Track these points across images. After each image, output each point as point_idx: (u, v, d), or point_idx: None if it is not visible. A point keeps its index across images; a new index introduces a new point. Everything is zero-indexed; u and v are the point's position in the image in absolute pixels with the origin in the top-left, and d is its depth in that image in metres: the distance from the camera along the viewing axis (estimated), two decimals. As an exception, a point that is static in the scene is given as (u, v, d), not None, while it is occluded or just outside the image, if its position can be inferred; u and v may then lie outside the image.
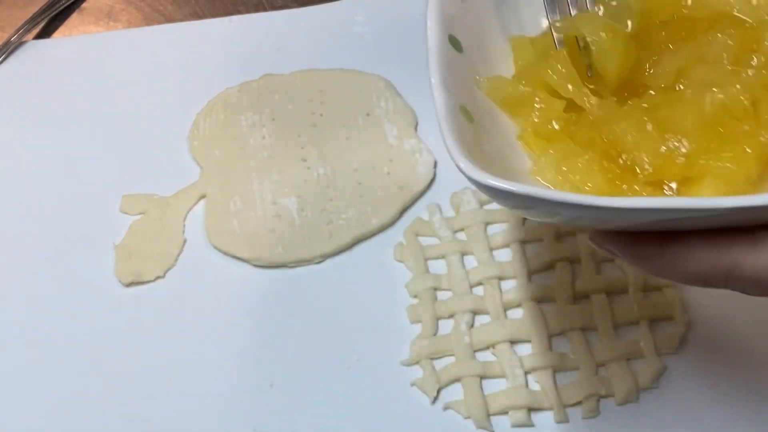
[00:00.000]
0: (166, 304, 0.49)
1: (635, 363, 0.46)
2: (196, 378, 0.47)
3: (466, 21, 0.39)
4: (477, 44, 0.39)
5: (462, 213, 0.51)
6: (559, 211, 0.32)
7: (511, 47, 0.41)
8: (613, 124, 0.36)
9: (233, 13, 0.61)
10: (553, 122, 0.38)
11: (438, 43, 0.37)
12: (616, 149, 0.36)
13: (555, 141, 0.38)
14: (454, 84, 0.36)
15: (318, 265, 0.50)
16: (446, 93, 0.35)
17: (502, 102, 0.39)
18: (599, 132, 0.36)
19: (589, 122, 0.37)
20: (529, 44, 0.41)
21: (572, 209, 0.31)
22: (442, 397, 0.46)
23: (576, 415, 0.45)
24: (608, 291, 0.48)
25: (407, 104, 0.55)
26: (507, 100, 0.39)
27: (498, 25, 0.41)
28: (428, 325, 0.47)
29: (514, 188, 0.31)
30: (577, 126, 0.38)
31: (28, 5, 0.62)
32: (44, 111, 0.57)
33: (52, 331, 0.49)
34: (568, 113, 0.38)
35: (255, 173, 0.53)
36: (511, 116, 0.39)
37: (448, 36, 0.37)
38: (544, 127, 0.38)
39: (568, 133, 0.38)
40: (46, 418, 0.46)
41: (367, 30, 0.59)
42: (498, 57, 0.41)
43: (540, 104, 0.38)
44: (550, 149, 0.37)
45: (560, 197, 0.30)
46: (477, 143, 0.35)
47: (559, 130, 0.38)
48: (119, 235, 0.52)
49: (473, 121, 0.36)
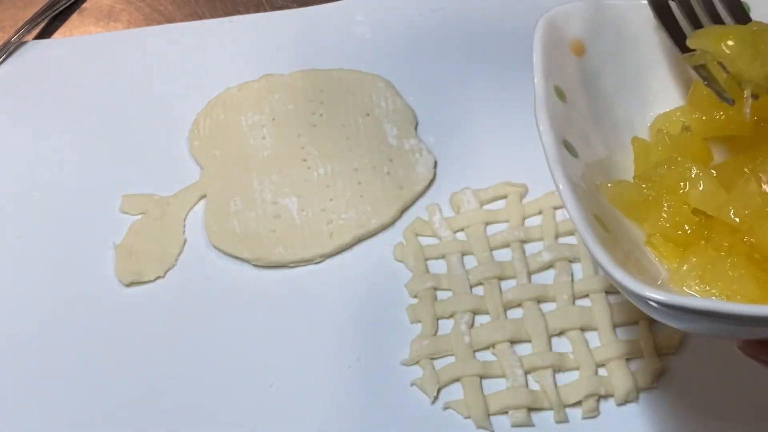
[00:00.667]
0: (166, 304, 0.49)
1: (635, 363, 0.46)
2: (196, 378, 0.47)
3: (574, 124, 0.39)
4: (587, 148, 0.38)
5: (462, 213, 0.51)
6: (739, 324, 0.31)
7: (632, 149, 0.40)
8: (757, 228, 0.35)
9: (233, 13, 0.61)
10: (685, 226, 0.37)
11: (556, 148, 0.36)
12: (762, 254, 0.35)
13: (691, 247, 0.37)
14: (580, 191, 0.35)
15: (318, 265, 0.50)
16: (578, 203, 0.34)
17: (626, 207, 0.38)
18: (740, 236, 0.35)
19: (726, 226, 0.36)
20: (650, 146, 0.40)
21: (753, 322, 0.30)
22: (442, 397, 0.46)
23: (576, 415, 0.45)
24: (608, 291, 0.48)
25: (407, 104, 0.55)
26: (631, 206, 0.38)
27: (603, 125, 0.41)
28: (428, 324, 0.47)
29: (693, 304, 0.30)
30: (710, 230, 0.37)
31: (28, 5, 0.62)
32: (44, 111, 0.57)
33: (52, 330, 0.49)
34: (697, 215, 0.37)
35: (255, 173, 0.53)
36: (636, 222, 0.38)
37: (562, 141, 0.37)
38: (675, 232, 0.37)
39: (701, 237, 0.37)
40: (46, 418, 0.46)
41: (367, 30, 0.59)
42: (609, 160, 0.40)
43: (667, 208, 0.37)
44: (691, 256, 0.36)
45: (747, 310, 0.29)
46: (615, 254, 0.33)
47: (692, 234, 0.37)
48: (119, 235, 0.52)
49: (609, 230, 0.36)
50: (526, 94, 0.55)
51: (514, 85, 0.55)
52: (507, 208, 0.51)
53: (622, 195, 0.38)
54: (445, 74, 0.56)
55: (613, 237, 0.36)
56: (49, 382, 0.47)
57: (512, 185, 0.51)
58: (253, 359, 0.47)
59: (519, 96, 0.55)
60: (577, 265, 0.49)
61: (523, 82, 0.55)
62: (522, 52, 0.57)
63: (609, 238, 0.35)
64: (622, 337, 0.47)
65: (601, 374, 0.45)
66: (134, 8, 0.62)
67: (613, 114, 0.41)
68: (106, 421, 0.46)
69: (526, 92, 0.55)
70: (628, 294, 0.32)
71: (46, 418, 0.46)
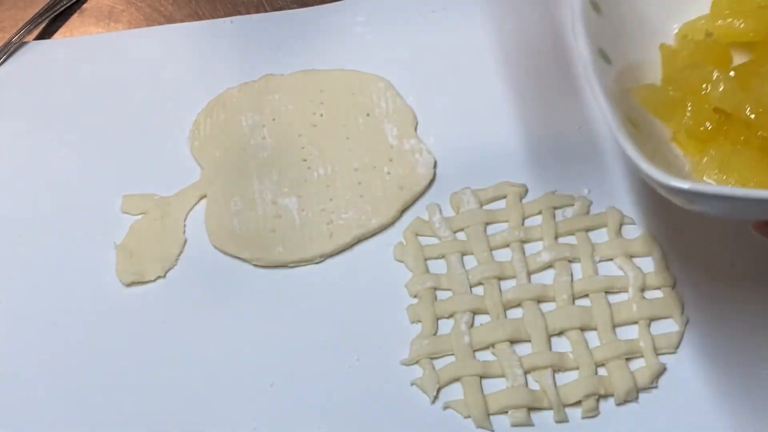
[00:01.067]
0: (166, 303, 0.50)
1: (634, 363, 0.46)
2: (197, 377, 0.47)
3: (608, 34, 0.42)
4: (619, 55, 0.43)
5: (462, 213, 0.51)
6: (751, 207, 0.36)
7: (660, 55, 0.45)
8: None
9: (233, 13, 0.61)
10: (707, 123, 0.41)
11: (592, 57, 0.40)
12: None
13: (711, 141, 0.41)
14: (613, 94, 0.39)
15: (318, 265, 0.50)
16: (612, 104, 0.38)
17: (654, 108, 0.42)
18: (754, 131, 0.40)
19: (742, 122, 0.41)
20: (676, 52, 0.44)
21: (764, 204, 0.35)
22: (441, 397, 0.46)
23: (575, 414, 0.45)
24: (607, 291, 0.48)
25: (407, 104, 0.55)
26: (659, 106, 0.42)
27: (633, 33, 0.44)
28: (428, 324, 0.48)
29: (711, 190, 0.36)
30: (729, 126, 0.41)
31: (29, 6, 0.62)
32: (45, 112, 0.57)
33: (53, 330, 0.49)
34: (717, 113, 0.41)
35: (255, 173, 0.53)
36: (662, 121, 0.43)
37: (598, 50, 0.41)
38: (697, 129, 0.42)
39: (720, 133, 0.41)
40: (46, 418, 0.47)
41: (367, 30, 0.59)
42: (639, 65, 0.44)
43: (691, 107, 0.42)
44: (710, 149, 0.41)
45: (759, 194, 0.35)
46: (644, 149, 0.38)
47: (712, 130, 0.41)
48: (120, 235, 0.52)
49: (639, 128, 0.40)
50: (526, 95, 0.55)
51: (514, 84, 0.56)
52: (507, 208, 0.51)
53: (651, 97, 0.43)
54: (445, 74, 0.56)
55: (642, 135, 0.40)
56: (49, 382, 0.48)
57: (512, 185, 0.52)
58: (253, 359, 0.47)
59: (519, 96, 0.55)
60: (576, 265, 0.49)
61: (523, 82, 0.56)
62: (522, 52, 0.57)
63: (639, 136, 0.39)
64: (622, 337, 0.47)
65: (601, 374, 0.46)
66: (135, 9, 0.62)
67: (643, 24, 0.45)
68: (106, 421, 0.46)
69: (526, 92, 0.55)
70: (657, 184, 0.36)
71: (47, 417, 0.47)
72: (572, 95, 0.55)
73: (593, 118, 0.54)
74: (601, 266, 0.49)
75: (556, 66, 0.56)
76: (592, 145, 0.53)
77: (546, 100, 0.55)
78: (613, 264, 0.49)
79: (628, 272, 0.48)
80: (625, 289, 0.48)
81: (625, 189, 0.51)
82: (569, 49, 0.56)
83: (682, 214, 0.50)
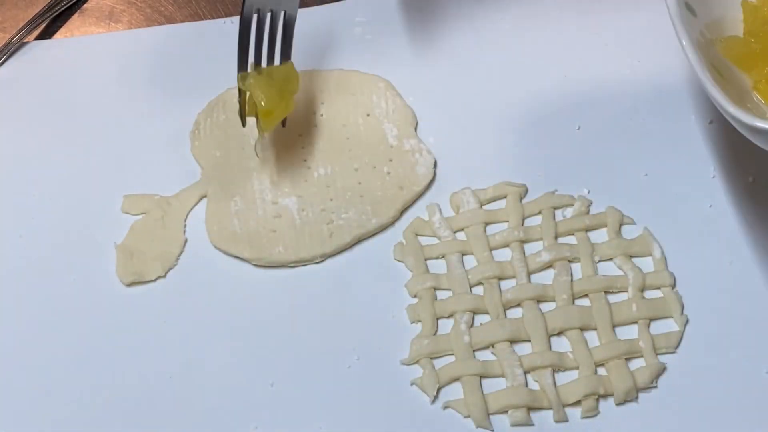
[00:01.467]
0: (167, 303, 0.50)
1: (634, 363, 0.46)
2: (197, 377, 0.47)
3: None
4: (705, 9, 0.46)
5: (462, 213, 0.51)
6: None
7: (742, 10, 0.47)
8: None
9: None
10: None
11: (678, 9, 0.43)
12: None
13: None
14: (698, 45, 0.43)
15: (318, 265, 0.50)
16: (698, 52, 0.42)
17: (737, 59, 0.46)
18: None
19: None
20: (758, 8, 0.47)
21: None
22: (441, 396, 0.46)
23: (575, 414, 0.45)
24: (607, 291, 0.48)
25: (407, 104, 0.55)
26: (741, 57, 0.46)
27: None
28: (428, 324, 0.48)
29: None
30: None
31: (29, 6, 0.62)
32: (45, 111, 0.57)
33: (53, 331, 0.49)
34: None
35: (255, 173, 0.53)
36: (744, 71, 0.46)
37: (684, 3, 0.44)
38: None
39: None
40: (47, 418, 0.47)
41: (367, 30, 0.59)
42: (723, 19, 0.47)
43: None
44: None
45: None
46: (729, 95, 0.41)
47: None
48: (120, 235, 0.52)
49: (723, 76, 0.44)
50: (526, 95, 0.55)
51: (514, 85, 0.56)
52: (507, 208, 0.51)
53: (734, 48, 0.46)
54: (445, 74, 0.56)
55: (727, 82, 0.44)
56: (49, 382, 0.48)
57: (512, 185, 0.52)
58: (254, 359, 0.47)
59: (519, 96, 0.55)
60: (576, 264, 0.49)
61: (523, 82, 0.56)
62: (522, 52, 0.57)
63: (723, 83, 0.43)
64: (622, 337, 0.47)
65: (601, 374, 0.46)
66: (135, 9, 0.62)
67: None
68: (106, 421, 0.46)
69: (526, 92, 0.55)
70: (740, 125, 0.40)
71: (47, 417, 0.47)
72: (572, 95, 0.55)
73: (594, 118, 0.54)
74: (600, 266, 0.49)
75: (556, 66, 0.56)
76: (592, 145, 0.53)
77: (546, 99, 0.55)
78: (612, 264, 0.49)
79: (627, 272, 0.48)
80: (625, 289, 0.48)
81: (625, 189, 0.51)
82: (569, 48, 0.56)
83: (682, 214, 0.50)
